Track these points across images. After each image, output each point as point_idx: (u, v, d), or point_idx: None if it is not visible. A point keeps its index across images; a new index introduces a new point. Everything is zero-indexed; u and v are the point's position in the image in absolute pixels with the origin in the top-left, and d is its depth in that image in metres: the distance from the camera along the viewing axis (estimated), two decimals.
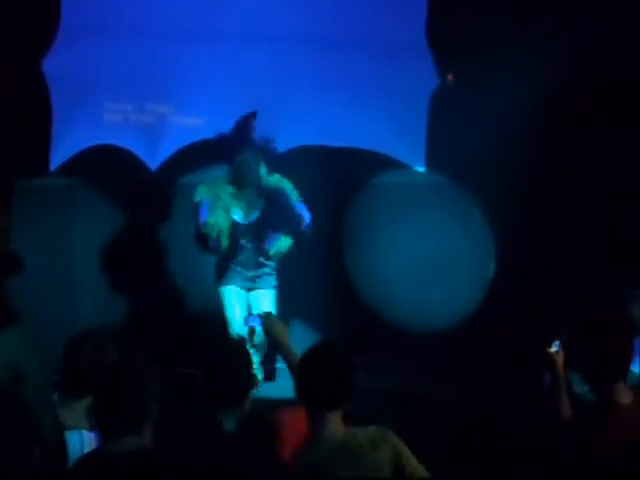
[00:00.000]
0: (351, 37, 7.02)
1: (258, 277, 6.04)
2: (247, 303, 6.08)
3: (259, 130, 6.32)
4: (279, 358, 5.51)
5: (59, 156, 6.90)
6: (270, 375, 6.17)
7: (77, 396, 3.79)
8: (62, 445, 3.46)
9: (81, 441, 3.72)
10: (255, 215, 5.96)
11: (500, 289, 7.01)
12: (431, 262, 6.97)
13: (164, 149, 6.91)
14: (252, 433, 3.56)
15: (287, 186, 6.00)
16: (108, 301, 6.67)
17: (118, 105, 6.82)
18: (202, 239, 5.85)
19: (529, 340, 6.34)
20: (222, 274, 6.02)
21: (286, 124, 6.96)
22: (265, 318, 4.13)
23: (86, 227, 6.79)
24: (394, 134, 7.08)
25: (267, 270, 6.08)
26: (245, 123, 5.96)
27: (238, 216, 5.93)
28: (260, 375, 5.85)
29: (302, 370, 3.44)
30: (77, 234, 6.77)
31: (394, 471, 3.33)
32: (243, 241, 5.95)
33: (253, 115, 5.97)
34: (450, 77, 7.08)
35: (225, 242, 5.87)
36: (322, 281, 6.83)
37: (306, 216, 5.96)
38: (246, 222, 5.95)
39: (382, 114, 7.05)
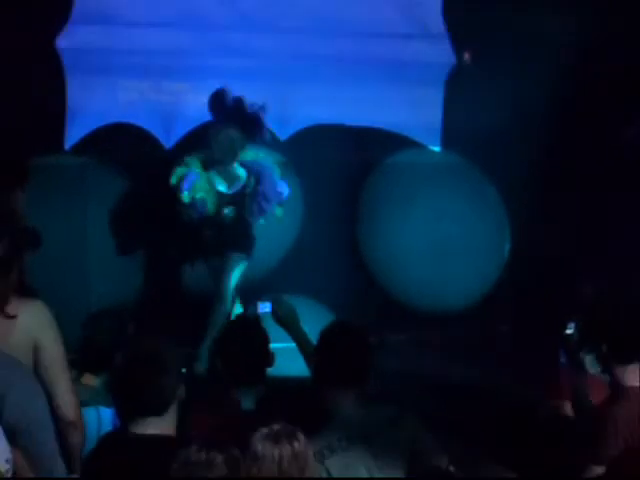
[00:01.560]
0: (366, 16, 6.99)
1: (232, 248, 6.12)
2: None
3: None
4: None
5: (74, 134, 6.90)
6: None
7: (94, 372, 3.81)
8: (79, 421, 3.46)
9: (98, 417, 3.74)
10: (239, 186, 6.05)
11: (515, 270, 6.99)
12: (446, 242, 6.93)
13: (179, 127, 6.91)
14: (271, 411, 3.55)
15: (268, 161, 6.15)
16: (122, 279, 6.67)
17: (133, 83, 6.80)
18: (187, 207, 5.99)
19: (544, 321, 6.36)
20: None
21: (301, 103, 6.95)
22: (275, 302, 4.11)
23: (100, 205, 6.78)
24: (409, 113, 7.05)
25: (246, 242, 6.17)
26: (233, 102, 5.98)
27: (222, 187, 6.05)
28: None
29: (320, 348, 3.43)
30: (91, 213, 6.76)
31: (411, 455, 3.31)
32: (227, 210, 6.05)
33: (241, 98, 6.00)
34: (466, 55, 7.04)
35: (211, 209, 6.00)
36: (336, 261, 6.82)
37: (284, 191, 6.12)
38: (230, 192, 6.05)
39: (397, 92, 7.02)
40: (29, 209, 5.36)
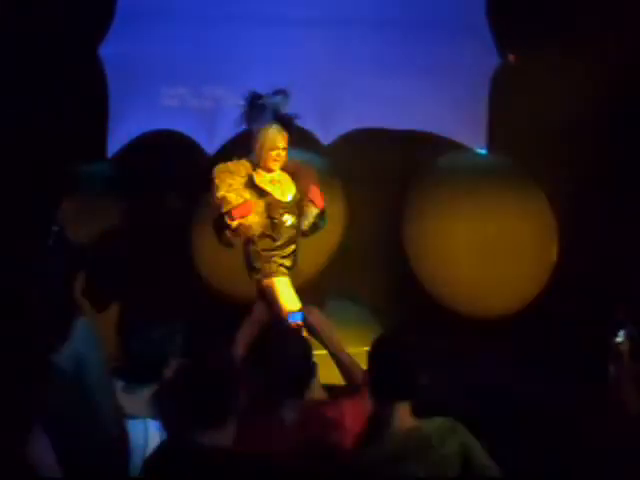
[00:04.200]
0: (410, 18, 6.93)
1: (293, 261, 5.66)
2: None
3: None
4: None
5: (116, 142, 6.90)
6: None
7: (142, 383, 3.77)
8: (124, 436, 3.44)
9: (145, 430, 3.70)
10: (293, 193, 5.63)
11: (563, 274, 6.88)
12: (493, 245, 6.85)
13: (222, 133, 6.87)
14: (311, 423, 3.52)
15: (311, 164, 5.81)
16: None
17: (175, 89, 6.79)
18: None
19: (594, 329, 6.25)
20: (267, 263, 5.59)
21: (345, 107, 6.91)
22: (308, 313, 4.07)
23: (143, 214, 6.78)
24: (454, 116, 6.98)
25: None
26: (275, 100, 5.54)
27: (279, 194, 5.58)
28: None
29: (372, 359, 3.37)
30: (135, 220, 6.76)
31: (463, 465, 3.26)
32: (286, 217, 5.57)
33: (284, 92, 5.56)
34: (511, 57, 6.96)
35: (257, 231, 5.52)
36: (382, 266, 6.77)
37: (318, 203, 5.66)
38: (287, 200, 5.59)
39: (442, 95, 6.95)
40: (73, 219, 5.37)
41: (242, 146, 6.33)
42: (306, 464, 3.33)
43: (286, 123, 5.53)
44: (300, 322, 4.84)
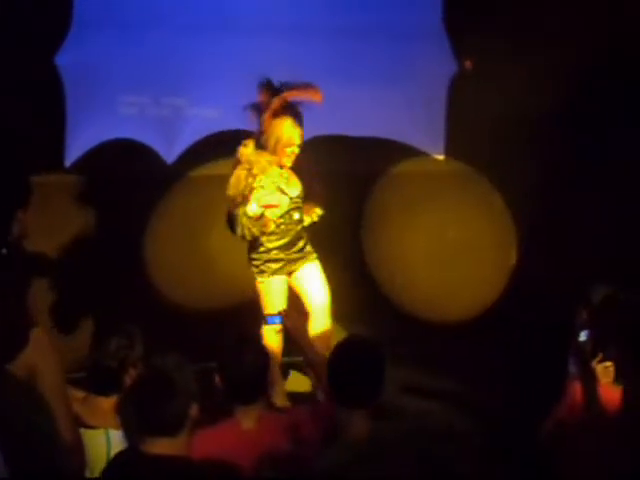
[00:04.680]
0: (367, 24, 6.94)
1: (302, 252, 5.51)
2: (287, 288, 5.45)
3: None
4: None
5: (74, 152, 6.86)
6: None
7: (104, 394, 3.76)
8: (78, 445, 3.42)
9: (108, 440, 3.69)
10: (299, 188, 5.43)
11: (523, 277, 6.92)
12: (451, 250, 6.89)
13: (181, 142, 6.86)
14: (269, 430, 3.52)
15: None
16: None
17: (133, 98, 6.76)
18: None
19: (555, 328, 6.28)
20: (266, 261, 5.40)
21: (303, 114, 6.90)
22: (286, 317, 4.08)
23: (102, 223, 6.74)
24: (412, 122, 7.01)
25: (306, 244, 5.57)
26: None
27: (288, 190, 5.39)
28: None
29: (332, 365, 3.38)
30: (93, 230, 6.72)
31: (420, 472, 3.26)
32: (293, 213, 5.40)
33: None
34: (468, 64, 7.00)
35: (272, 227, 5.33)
36: (341, 272, 6.76)
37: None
38: (295, 195, 5.41)
39: (399, 102, 6.98)
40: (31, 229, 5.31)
41: (200, 155, 6.36)
42: (263, 473, 3.33)
43: (300, 118, 5.34)
44: (278, 325, 4.84)
